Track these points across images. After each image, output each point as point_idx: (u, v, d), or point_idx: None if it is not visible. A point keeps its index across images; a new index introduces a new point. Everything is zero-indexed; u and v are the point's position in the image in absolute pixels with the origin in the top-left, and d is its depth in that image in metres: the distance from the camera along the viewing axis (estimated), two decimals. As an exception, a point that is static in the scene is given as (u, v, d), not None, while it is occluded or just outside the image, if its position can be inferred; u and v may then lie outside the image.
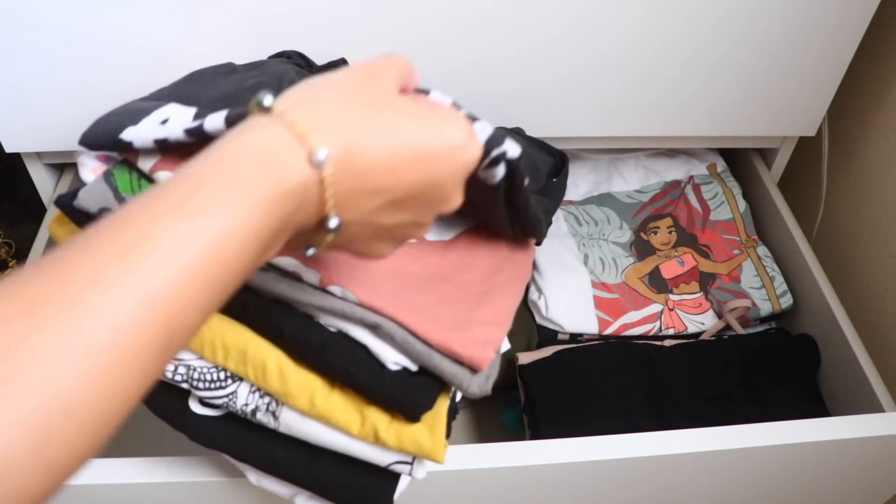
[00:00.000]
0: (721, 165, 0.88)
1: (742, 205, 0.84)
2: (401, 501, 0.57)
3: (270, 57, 0.65)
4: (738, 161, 0.90)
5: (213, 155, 0.32)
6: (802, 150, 0.85)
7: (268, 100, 0.34)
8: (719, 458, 0.58)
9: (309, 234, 0.36)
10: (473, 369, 0.47)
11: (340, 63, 0.66)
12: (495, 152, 0.45)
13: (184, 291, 0.28)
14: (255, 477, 0.51)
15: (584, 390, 0.68)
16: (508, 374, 0.72)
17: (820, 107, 0.77)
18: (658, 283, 0.77)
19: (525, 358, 0.70)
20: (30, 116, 0.67)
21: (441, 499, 0.58)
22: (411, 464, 0.48)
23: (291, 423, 0.48)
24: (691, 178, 0.87)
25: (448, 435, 0.50)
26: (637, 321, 0.74)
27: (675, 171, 0.87)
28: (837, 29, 0.70)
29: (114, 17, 0.62)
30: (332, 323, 0.47)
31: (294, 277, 0.47)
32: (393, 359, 0.47)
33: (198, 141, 0.44)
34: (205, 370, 0.48)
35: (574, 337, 0.74)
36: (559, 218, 0.82)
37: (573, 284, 0.76)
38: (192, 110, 0.47)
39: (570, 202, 0.84)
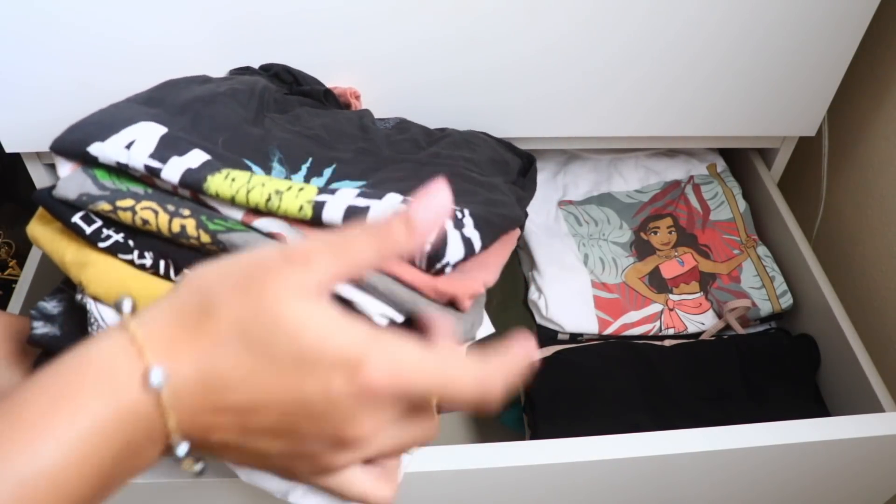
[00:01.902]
0: (721, 165, 0.88)
1: (742, 205, 0.84)
2: (400, 501, 0.57)
3: (255, 69, 0.65)
4: (738, 161, 0.90)
5: (57, 368, 0.30)
6: (802, 150, 0.85)
7: (126, 304, 0.32)
8: (719, 458, 0.58)
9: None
10: (459, 307, 0.46)
11: (328, 94, 0.65)
12: (440, 265, 0.45)
13: None
14: (245, 474, 0.50)
15: (584, 390, 0.68)
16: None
17: (820, 107, 0.77)
18: (658, 283, 0.77)
19: (525, 358, 0.70)
20: (30, 116, 0.67)
21: (441, 499, 0.58)
22: None
23: None
24: (691, 178, 0.87)
25: None
26: (637, 321, 0.74)
27: (675, 171, 0.87)
28: (837, 29, 0.70)
29: (114, 15, 0.62)
30: None
31: (276, 238, 0.46)
32: (379, 311, 0.44)
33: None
34: None
35: (574, 337, 0.74)
36: (559, 218, 0.82)
37: (573, 284, 0.76)
38: (159, 133, 0.47)
39: (570, 202, 0.84)
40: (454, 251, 0.45)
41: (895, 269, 0.78)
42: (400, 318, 0.45)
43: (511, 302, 0.76)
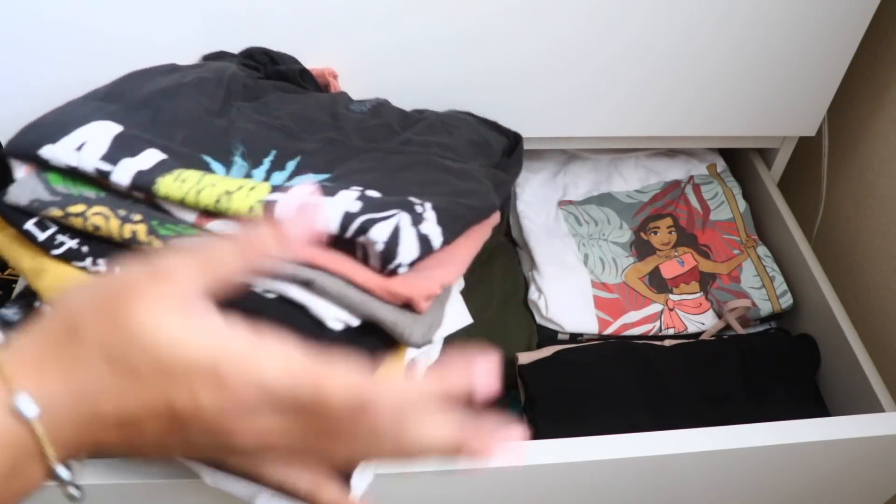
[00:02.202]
0: (721, 165, 0.88)
1: (742, 205, 0.84)
2: (400, 501, 0.57)
3: (229, 54, 0.64)
4: (738, 161, 0.90)
5: None
6: (802, 150, 0.85)
7: None
8: (719, 458, 0.57)
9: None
10: (415, 309, 0.44)
11: (304, 74, 0.63)
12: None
13: None
14: (210, 477, 0.48)
15: (584, 390, 0.68)
16: (508, 374, 0.72)
17: (820, 107, 0.77)
18: (658, 283, 0.77)
19: (525, 358, 0.70)
20: (29, 116, 0.67)
21: (441, 499, 0.58)
22: None
23: None
24: (691, 178, 0.87)
25: None
26: (637, 321, 0.74)
27: (675, 171, 0.87)
28: (837, 29, 0.70)
29: (113, 14, 0.62)
30: (271, 287, 0.43)
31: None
32: (333, 315, 0.43)
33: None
34: None
35: (574, 337, 0.74)
36: (559, 218, 0.82)
37: (573, 284, 0.76)
38: (113, 133, 0.45)
39: (570, 202, 0.84)
40: (407, 250, 0.43)
41: (895, 269, 0.78)
42: (355, 322, 0.43)
43: (511, 302, 0.76)
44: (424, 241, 0.44)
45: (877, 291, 0.81)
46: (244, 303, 0.41)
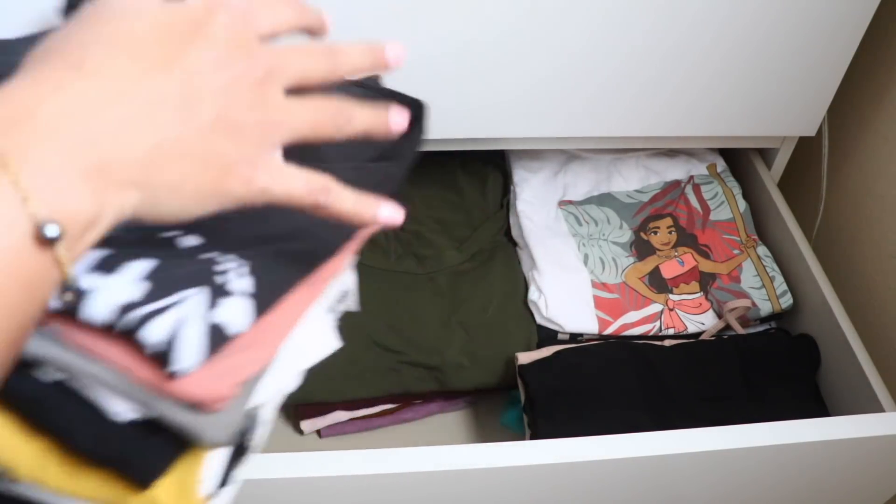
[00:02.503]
0: (721, 165, 0.88)
1: (742, 205, 0.84)
2: (400, 501, 0.57)
3: None
4: (738, 161, 0.90)
5: None
6: (802, 150, 0.85)
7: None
8: (719, 458, 0.58)
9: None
10: (206, 410, 0.37)
11: None
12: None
13: None
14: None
15: (584, 390, 0.68)
16: (508, 374, 0.72)
17: (820, 107, 0.77)
18: (658, 283, 0.77)
19: (525, 358, 0.70)
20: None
21: (441, 499, 0.58)
22: None
23: (30, 492, 0.39)
24: (691, 178, 0.87)
25: (223, 483, 0.41)
26: (637, 321, 0.74)
27: (675, 171, 0.87)
28: (837, 29, 0.70)
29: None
30: (49, 374, 0.37)
31: None
32: (118, 407, 0.37)
33: None
34: None
35: (574, 337, 0.74)
36: (559, 217, 0.82)
37: (573, 284, 0.76)
38: None
39: (570, 202, 0.84)
40: (188, 353, 0.35)
41: (895, 268, 0.78)
42: (140, 416, 0.37)
43: (511, 302, 0.76)
44: (216, 333, 0.36)
45: (877, 291, 0.81)
46: (18, 387, 0.36)
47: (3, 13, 0.60)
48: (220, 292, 0.37)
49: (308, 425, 0.76)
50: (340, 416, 0.75)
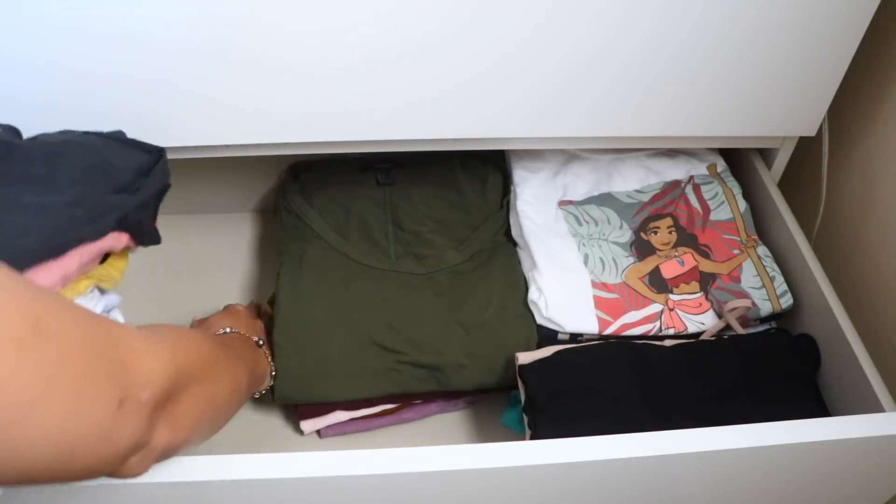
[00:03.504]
0: (721, 165, 0.88)
1: (742, 205, 0.84)
2: (401, 501, 0.57)
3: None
4: (738, 161, 0.90)
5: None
6: (802, 150, 0.85)
7: None
8: (719, 458, 0.57)
9: None
10: None
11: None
12: None
13: None
14: None
15: (585, 390, 0.68)
16: (508, 374, 0.72)
17: (820, 107, 0.77)
18: (658, 283, 0.77)
19: (525, 358, 0.70)
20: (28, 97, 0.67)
21: (441, 499, 0.58)
22: None
23: None
24: (691, 177, 0.87)
25: None
26: (637, 321, 0.74)
27: (675, 170, 0.87)
28: (837, 29, 0.70)
29: (113, 8, 0.62)
30: None
31: None
32: None
33: None
34: None
35: (574, 337, 0.74)
36: (559, 217, 0.82)
37: (573, 284, 0.76)
38: None
39: (570, 202, 0.84)
40: None
41: (895, 269, 0.78)
42: None
43: (511, 302, 0.76)
44: None
45: (877, 291, 0.81)
46: None
47: None
48: None
49: (308, 425, 0.76)
50: (340, 416, 0.75)
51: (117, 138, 0.61)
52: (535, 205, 0.83)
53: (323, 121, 0.72)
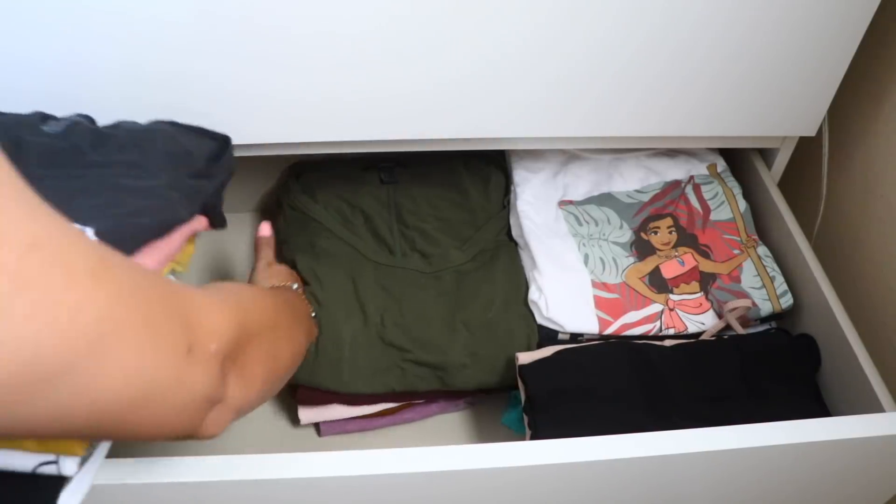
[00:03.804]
0: (721, 165, 0.88)
1: (742, 205, 0.84)
2: (401, 501, 0.58)
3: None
4: (738, 161, 0.90)
5: None
6: (802, 150, 0.85)
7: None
8: (719, 458, 0.58)
9: None
10: None
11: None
12: None
13: None
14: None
15: (585, 390, 0.68)
16: (510, 374, 0.72)
17: (820, 107, 0.77)
18: (658, 283, 0.77)
19: (525, 358, 0.70)
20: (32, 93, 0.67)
21: (441, 499, 0.58)
22: (56, 462, 0.45)
23: None
24: (691, 178, 0.87)
25: None
26: (637, 321, 0.74)
27: (675, 171, 0.87)
28: (837, 29, 0.70)
29: (113, 4, 0.62)
30: None
31: None
32: None
33: None
34: None
35: (574, 336, 0.74)
36: (560, 218, 0.82)
37: (573, 284, 0.76)
38: None
39: (571, 202, 0.84)
40: None
41: (895, 269, 0.78)
42: None
43: (512, 302, 0.76)
44: None
45: (877, 291, 0.81)
46: None
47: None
48: None
49: (306, 414, 0.75)
50: (339, 411, 0.75)
51: (186, 126, 0.64)
52: (536, 205, 0.83)
53: (324, 120, 0.72)
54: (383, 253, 0.81)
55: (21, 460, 0.44)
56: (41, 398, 0.31)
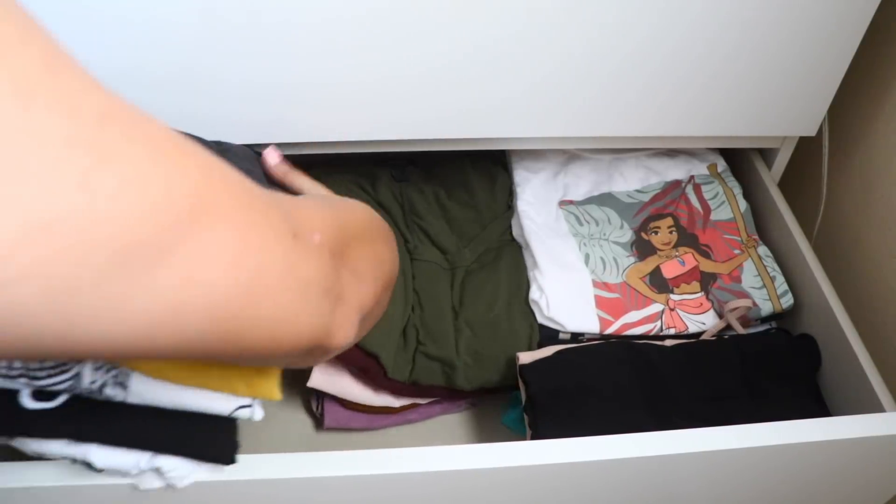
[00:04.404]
0: (721, 165, 0.88)
1: (742, 205, 0.84)
2: (401, 501, 0.58)
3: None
4: (739, 161, 0.90)
5: None
6: (802, 150, 0.85)
7: None
8: (719, 458, 0.58)
9: None
10: None
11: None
12: None
13: None
14: (100, 458, 0.49)
15: (585, 390, 0.68)
16: (512, 374, 0.72)
17: (820, 107, 0.77)
18: (659, 283, 0.78)
19: (526, 357, 0.70)
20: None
21: (441, 499, 0.58)
22: (251, 406, 0.49)
23: (143, 389, 0.46)
24: (692, 177, 0.87)
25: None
26: (638, 321, 0.74)
27: (675, 170, 0.87)
28: (837, 29, 0.70)
29: (113, 5, 0.62)
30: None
31: None
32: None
33: None
34: None
35: (575, 336, 0.74)
36: (560, 217, 0.82)
37: (574, 284, 0.76)
38: None
39: (571, 202, 0.84)
40: None
41: (895, 269, 0.78)
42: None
43: (514, 301, 0.77)
44: None
45: (877, 291, 0.81)
46: None
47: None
48: None
49: (317, 379, 0.73)
50: (348, 386, 0.74)
51: (234, 145, 0.65)
52: (536, 205, 0.83)
53: (324, 121, 0.72)
54: (402, 243, 0.81)
55: (221, 403, 0.47)
56: (141, 290, 0.27)
